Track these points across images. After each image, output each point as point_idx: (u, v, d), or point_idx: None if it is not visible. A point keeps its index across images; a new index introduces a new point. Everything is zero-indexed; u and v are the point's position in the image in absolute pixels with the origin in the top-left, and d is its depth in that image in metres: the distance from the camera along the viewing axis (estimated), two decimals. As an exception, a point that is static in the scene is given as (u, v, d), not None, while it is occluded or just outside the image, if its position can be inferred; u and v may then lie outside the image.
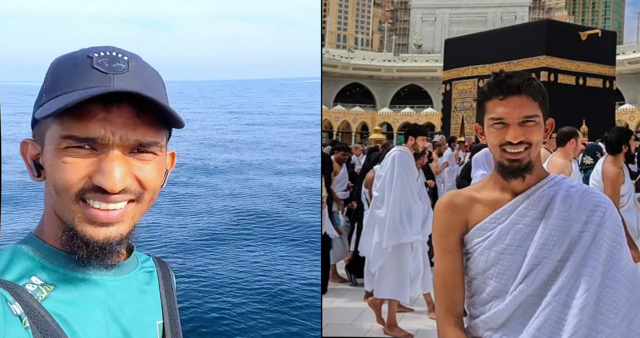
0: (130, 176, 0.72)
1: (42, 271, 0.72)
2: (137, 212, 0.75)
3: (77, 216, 0.71)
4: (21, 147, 0.77)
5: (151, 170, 0.75)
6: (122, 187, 0.70)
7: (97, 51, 0.73)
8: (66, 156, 0.70)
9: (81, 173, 0.70)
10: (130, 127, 0.71)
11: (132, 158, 0.73)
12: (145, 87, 0.72)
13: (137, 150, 0.73)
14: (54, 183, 0.71)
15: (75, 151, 0.70)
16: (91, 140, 0.69)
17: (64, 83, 0.71)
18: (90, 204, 0.70)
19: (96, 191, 0.70)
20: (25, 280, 0.70)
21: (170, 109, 0.73)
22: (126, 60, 0.73)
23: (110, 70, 0.71)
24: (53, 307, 0.69)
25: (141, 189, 0.74)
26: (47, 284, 0.71)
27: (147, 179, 0.74)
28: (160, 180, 0.78)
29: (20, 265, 0.72)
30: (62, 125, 0.69)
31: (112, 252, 0.73)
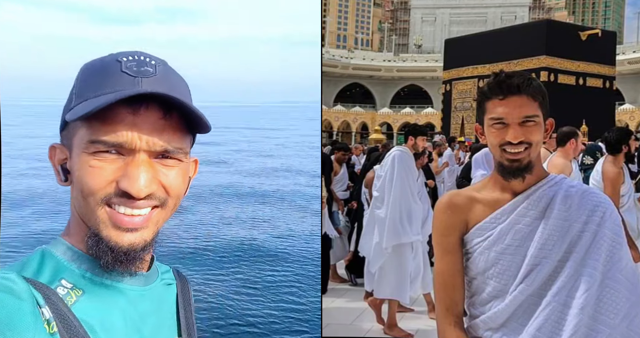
0: (155, 182, 0.72)
1: (71, 275, 0.72)
2: (161, 218, 0.76)
3: (102, 221, 0.71)
4: (49, 152, 0.78)
5: (176, 176, 0.75)
6: (147, 193, 0.71)
7: (125, 56, 0.74)
8: (94, 160, 0.70)
9: (108, 178, 0.70)
10: (157, 132, 0.72)
11: (157, 164, 0.73)
12: (172, 90, 0.72)
13: (163, 156, 0.74)
14: (81, 187, 0.71)
15: (103, 156, 0.70)
16: (118, 145, 0.70)
17: (93, 87, 0.72)
18: (115, 209, 0.71)
19: (122, 196, 0.70)
20: (56, 283, 0.70)
21: (198, 110, 0.74)
22: (154, 65, 0.74)
23: (138, 74, 0.72)
24: (81, 312, 0.69)
25: (166, 195, 0.74)
26: (76, 288, 0.71)
27: (171, 185, 0.74)
28: (184, 186, 0.78)
29: (51, 267, 0.72)
30: (90, 129, 0.70)
31: (136, 259, 0.73)
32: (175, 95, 0.71)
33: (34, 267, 0.72)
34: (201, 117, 0.74)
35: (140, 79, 0.71)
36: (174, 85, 0.75)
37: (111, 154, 0.71)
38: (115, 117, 0.70)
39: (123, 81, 0.71)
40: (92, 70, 0.75)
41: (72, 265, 0.73)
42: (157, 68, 0.74)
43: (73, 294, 0.70)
